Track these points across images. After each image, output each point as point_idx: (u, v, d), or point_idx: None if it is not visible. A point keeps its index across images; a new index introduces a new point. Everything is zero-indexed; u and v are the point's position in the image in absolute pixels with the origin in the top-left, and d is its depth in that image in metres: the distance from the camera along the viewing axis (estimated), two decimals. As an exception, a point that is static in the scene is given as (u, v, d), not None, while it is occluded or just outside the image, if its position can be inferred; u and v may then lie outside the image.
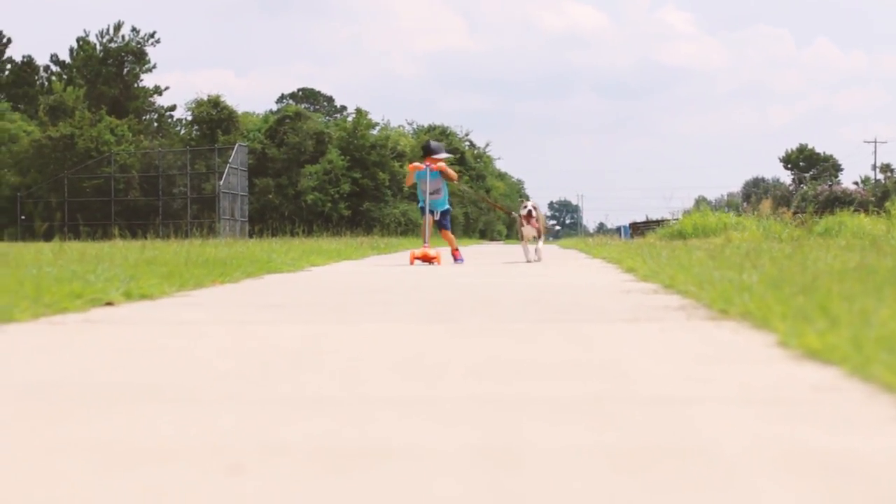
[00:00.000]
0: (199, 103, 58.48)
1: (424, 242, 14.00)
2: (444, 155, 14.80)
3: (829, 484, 1.90)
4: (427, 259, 13.47)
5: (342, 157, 57.96)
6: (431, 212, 14.44)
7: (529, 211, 14.10)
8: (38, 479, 1.98)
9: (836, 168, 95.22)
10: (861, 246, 12.47)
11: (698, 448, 2.20)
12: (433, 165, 14.45)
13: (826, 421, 2.47)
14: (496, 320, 5.16)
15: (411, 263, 13.35)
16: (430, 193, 14.39)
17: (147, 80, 67.04)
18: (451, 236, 15.00)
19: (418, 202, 14.78)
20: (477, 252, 24.96)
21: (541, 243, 14.31)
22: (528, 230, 14.16)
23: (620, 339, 4.30)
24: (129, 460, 2.13)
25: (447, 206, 14.78)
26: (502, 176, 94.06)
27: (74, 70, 63.82)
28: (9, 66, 68.14)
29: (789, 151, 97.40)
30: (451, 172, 14.70)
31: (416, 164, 14.73)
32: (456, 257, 14.98)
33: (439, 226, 14.63)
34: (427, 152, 14.84)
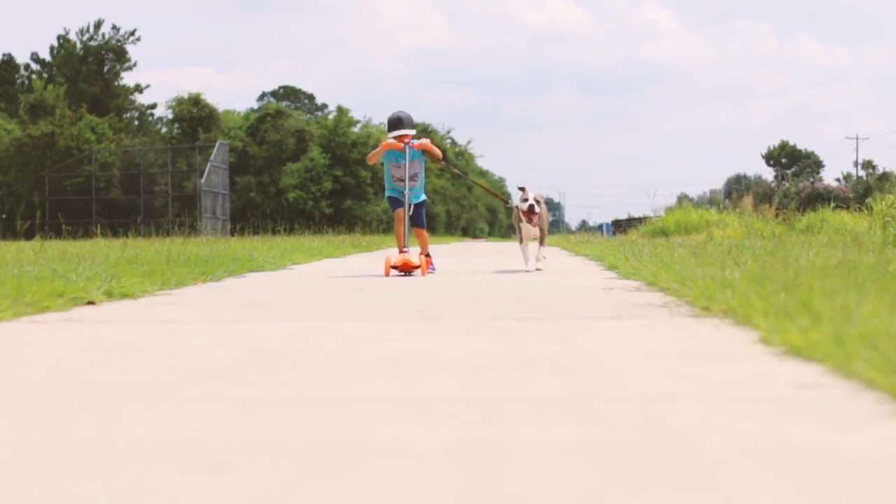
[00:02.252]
0: (179, 101, 58.31)
1: (402, 246, 10.37)
2: (411, 132, 10.99)
3: (810, 480, 1.91)
4: (408, 268, 10.09)
5: (323, 154, 57.89)
6: (400, 203, 10.77)
7: (532, 206, 10.63)
8: (20, 479, 1.98)
9: (818, 164, 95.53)
10: (843, 242, 12.51)
11: (680, 445, 2.20)
12: (415, 143, 10.76)
13: (808, 418, 2.47)
14: (479, 318, 5.16)
15: (386, 274, 10.01)
16: (410, 179, 10.73)
17: (128, 78, 66.93)
18: (427, 236, 11.14)
19: (386, 192, 11.06)
20: (460, 250, 24.97)
21: (543, 245, 11.11)
22: (528, 229, 10.81)
23: (603, 337, 4.30)
24: (112, 459, 2.12)
25: (424, 197, 11.07)
26: (484, 173, 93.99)
27: (55, 68, 63.53)
28: (-11, 64, 67.88)
29: (771, 148, 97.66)
30: (437, 150, 11.01)
31: (392, 141, 10.76)
32: (427, 263, 10.74)
33: (413, 222, 10.78)
34: (395, 126, 10.95)
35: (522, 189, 10.72)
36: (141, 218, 47.64)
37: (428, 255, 10.82)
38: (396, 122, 10.96)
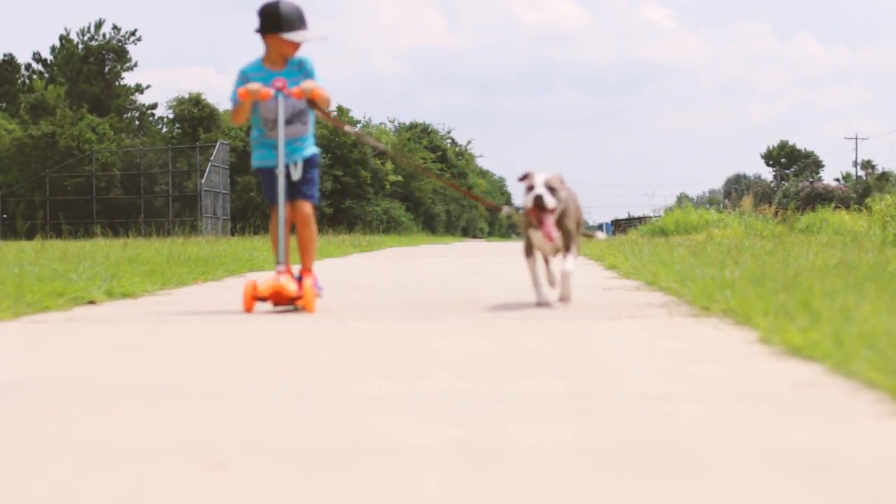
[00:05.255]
0: (180, 101, 58.23)
1: (278, 260, 6.03)
2: (306, 35, 6.09)
3: (810, 480, 1.91)
4: (281, 300, 5.80)
5: (323, 154, 57.96)
6: (291, 192, 6.20)
7: (539, 196, 5.65)
8: (22, 477, 1.98)
9: (818, 164, 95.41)
10: (842, 242, 12.52)
11: (679, 445, 2.21)
12: (294, 89, 6.02)
13: (807, 417, 2.48)
14: (479, 318, 5.16)
15: (247, 310, 5.67)
16: (285, 126, 6.10)
17: (128, 78, 66.77)
18: (314, 229, 6.50)
19: (252, 157, 6.35)
20: (460, 250, 24.97)
21: (569, 260, 6.00)
22: (539, 238, 5.92)
23: (602, 336, 4.30)
24: (114, 458, 2.12)
25: (314, 149, 6.41)
26: (484, 173, 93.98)
27: (56, 68, 63.54)
28: (-10, 64, 67.89)
29: (771, 148, 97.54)
30: (325, 93, 6.11)
31: (256, 86, 5.96)
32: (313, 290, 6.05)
33: (293, 194, 6.21)
34: (271, 27, 6.05)
35: (526, 176, 5.78)
36: (141, 218, 47.61)
37: (310, 271, 6.50)
38: (273, 20, 6.05)
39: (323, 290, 6.71)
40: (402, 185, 60.27)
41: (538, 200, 5.64)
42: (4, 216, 50.04)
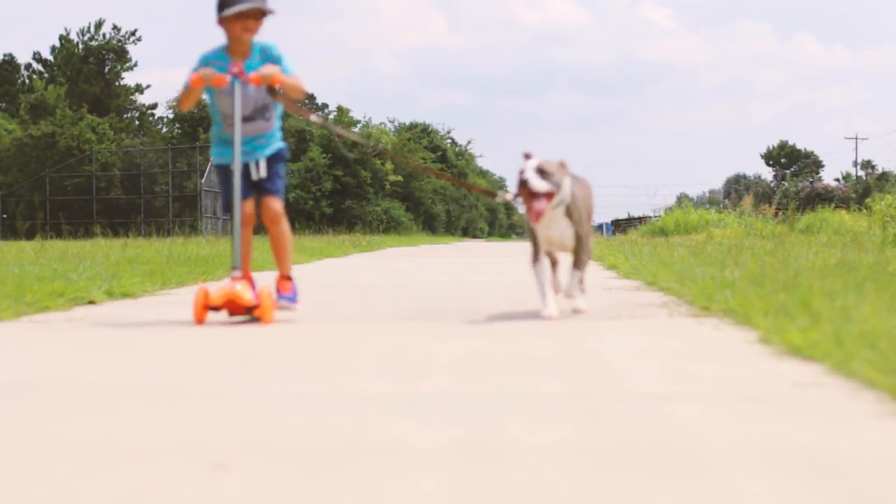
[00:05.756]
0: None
1: (233, 265, 5.33)
2: (241, 7, 5.35)
3: (810, 480, 1.91)
4: (236, 310, 5.19)
5: (324, 154, 57.88)
6: (247, 187, 5.51)
7: (525, 180, 5.04)
8: (21, 478, 1.98)
9: (818, 164, 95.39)
10: (842, 242, 12.52)
11: (679, 445, 2.21)
12: (252, 75, 5.39)
13: (807, 417, 2.48)
14: (479, 318, 5.16)
15: (198, 322, 5.05)
16: (245, 122, 5.46)
17: (128, 78, 66.96)
18: (289, 235, 5.75)
19: (212, 154, 5.73)
20: (460, 250, 24.97)
21: (578, 297, 5.43)
22: (543, 234, 5.29)
23: (602, 337, 4.30)
24: (114, 458, 2.12)
25: (280, 144, 5.67)
26: (484, 174, 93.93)
27: (56, 68, 63.54)
28: (-10, 64, 67.89)
29: (771, 148, 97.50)
30: (294, 81, 5.52)
31: (209, 72, 5.40)
32: (281, 291, 5.68)
33: (259, 191, 5.58)
34: (217, 9, 5.45)
35: (528, 157, 5.21)
36: (141, 218, 47.62)
37: (289, 278, 5.78)
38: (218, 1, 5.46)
39: (298, 303, 5.72)
40: (402, 185, 60.25)
41: (524, 183, 5.04)
42: (4, 216, 50.05)
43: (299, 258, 14.19)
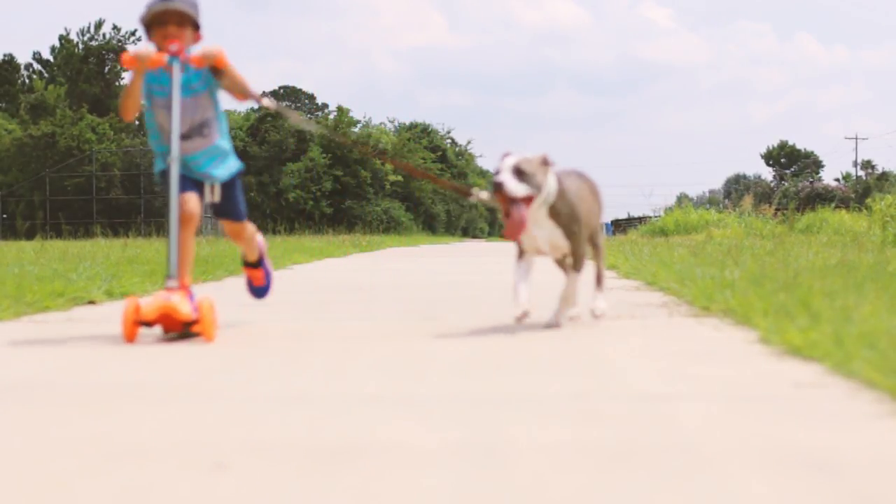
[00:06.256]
0: (179, 101, 58.26)
1: (168, 274, 4.50)
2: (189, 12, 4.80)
3: (810, 480, 1.91)
4: (174, 324, 4.40)
5: (324, 154, 57.88)
6: (189, 183, 4.76)
7: (499, 183, 4.42)
8: (21, 478, 1.98)
9: (818, 164, 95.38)
10: (842, 242, 12.52)
11: (679, 444, 2.21)
12: (191, 57, 4.78)
13: (807, 417, 2.48)
14: (479, 317, 5.16)
15: (128, 340, 4.24)
16: (184, 140, 4.79)
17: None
18: (250, 229, 5.24)
19: (156, 160, 5.04)
20: (460, 250, 24.97)
21: (574, 278, 4.82)
22: (527, 240, 4.61)
23: (602, 337, 4.30)
24: (114, 458, 2.12)
25: (236, 165, 5.13)
26: (484, 174, 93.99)
27: (56, 68, 63.55)
28: (-11, 64, 67.88)
29: (771, 148, 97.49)
30: (242, 79, 4.98)
31: (144, 51, 4.76)
32: (255, 281, 5.50)
33: (223, 214, 5.07)
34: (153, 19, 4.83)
35: (506, 156, 4.58)
36: (141, 218, 47.62)
37: (257, 266, 5.43)
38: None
39: (270, 288, 5.52)
40: (402, 185, 60.25)
41: (498, 187, 4.40)
42: (4, 216, 50.05)
43: (299, 258, 14.19)
